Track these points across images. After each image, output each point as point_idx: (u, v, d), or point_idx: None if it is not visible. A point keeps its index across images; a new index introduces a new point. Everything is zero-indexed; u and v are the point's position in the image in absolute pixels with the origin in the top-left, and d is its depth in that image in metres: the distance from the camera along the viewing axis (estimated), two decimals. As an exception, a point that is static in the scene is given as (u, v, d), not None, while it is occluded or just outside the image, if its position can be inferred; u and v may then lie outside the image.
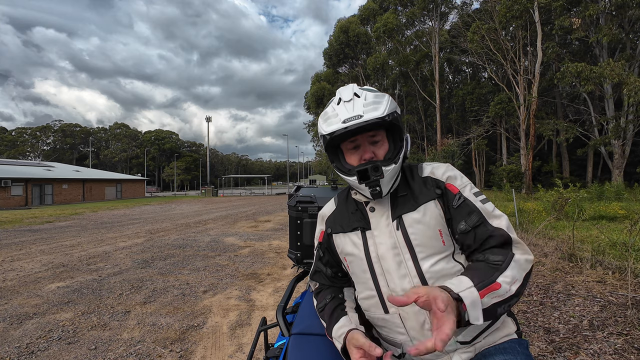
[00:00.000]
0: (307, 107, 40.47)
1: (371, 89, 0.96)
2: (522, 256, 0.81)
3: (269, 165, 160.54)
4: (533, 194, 16.88)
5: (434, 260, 0.86)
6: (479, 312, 0.69)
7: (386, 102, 0.90)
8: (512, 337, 0.88)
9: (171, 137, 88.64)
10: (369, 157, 0.92)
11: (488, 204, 0.90)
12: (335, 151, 0.99)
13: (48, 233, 9.74)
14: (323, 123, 0.93)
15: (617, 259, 4.19)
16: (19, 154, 69.11)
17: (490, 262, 0.80)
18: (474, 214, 0.87)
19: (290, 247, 1.58)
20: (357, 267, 0.95)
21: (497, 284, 0.73)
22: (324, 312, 1.00)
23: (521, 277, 0.77)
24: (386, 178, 0.89)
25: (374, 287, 0.92)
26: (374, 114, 0.86)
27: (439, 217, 0.89)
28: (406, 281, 0.87)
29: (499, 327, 0.88)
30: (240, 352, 2.61)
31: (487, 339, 0.87)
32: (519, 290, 0.76)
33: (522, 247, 0.83)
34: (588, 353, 2.25)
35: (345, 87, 0.97)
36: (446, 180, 0.93)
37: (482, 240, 0.86)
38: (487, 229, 0.86)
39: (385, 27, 27.36)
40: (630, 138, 17.61)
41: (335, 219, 1.04)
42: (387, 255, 0.89)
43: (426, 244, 0.87)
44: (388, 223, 0.92)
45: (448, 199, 0.91)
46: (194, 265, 5.39)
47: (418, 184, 0.95)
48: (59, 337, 2.90)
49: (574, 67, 15.84)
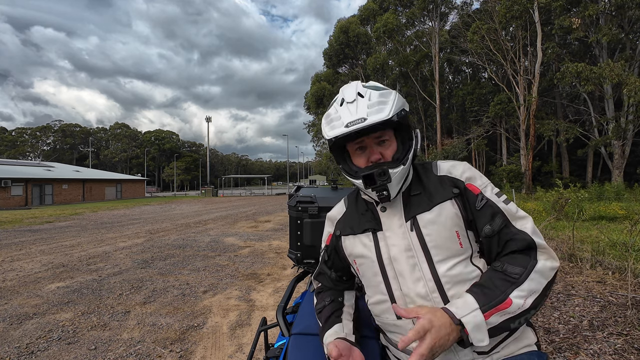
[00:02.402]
0: (307, 107, 40.43)
1: (377, 85, 0.90)
2: (546, 263, 0.77)
3: (269, 166, 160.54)
4: (533, 194, 16.88)
5: (451, 263, 0.82)
6: (484, 334, 0.69)
7: (392, 101, 0.84)
8: (532, 349, 0.83)
9: (171, 137, 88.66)
10: (376, 158, 0.87)
11: (511, 205, 0.85)
12: (342, 152, 0.94)
13: (48, 233, 9.74)
14: (326, 126, 0.89)
15: (617, 259, 4.19)
16: (19, 154, 69.13)
17: (508, 274, 0.76)
18: (498, 216, 0.82)
19: (291, 247, 1.58)
20: (367, 270, 0.91)
21: (508, 301, 0.72)
22: (321, 314, 1.00)
23: (540, 288, 0.74)
24: (394, 181, 0.84)
25: (385, 291, 0.87)
26: (378, 116, 0.81)
27: (455, 218, 0.84)
28: (420, 285, 0.82)
29: (519, 336, 0.84)
30: (240, 352, 2.61)
31: (506, 349, 0.81)
32: (537, 302, 0.73)
33: (547, 252, 0.78)
34: (588, 353, 2.25)
35: (349, 86, 0.92)
36: (466, 180, 0.88)
37: (504, 244, 0.81)
38: (510, 231, 0.81)
39: (385, 28, 27.35)
40: (630, 138, 17.61)
41: (346, 221, 1.00)
42: (400, 258, 0.85)
43: (442, 246, 0.82)
44: (401, 224, 0.87)
45: (469, 200, 0.86)
46: (194, 266, 5.39)
47: (433, 182, 0.90)
48: (59, 337, 2.90)
49: (574, 67, 15.84)
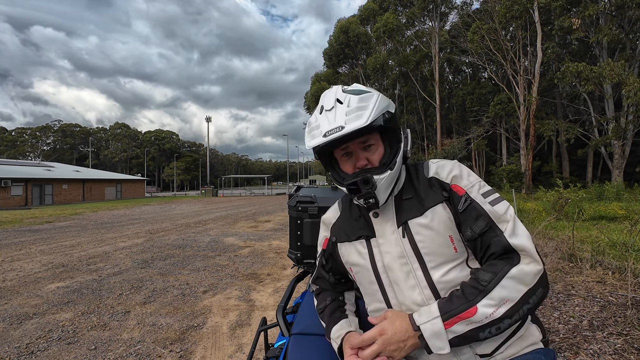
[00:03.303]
0: (307, 107, 40.44)
1: (359, 89, 0.86)
2: (525, 268, 0.72)
3: (269, 166, 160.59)
4: (533, 194, 16.88)
5: (445, 269, 0.79)
6: (443, 342, 0.71)
7: (372, 106, 0.80)
8: (538, 347, 0.81)
9: (171, 137, 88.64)
10: (362, 164, 0.84)
11: (499, 206, 0.80)
12: (329, 159, 0.92)
13: (48, 233, 9.74)
14: (307, 135, 0.86)
15: (617, 259, 4.19)
16: (19, 154, 69.14)
17: (479, 281, 0.74)
18: (482, 219, 0.78)
19: (291, 247, 1.58)
20: (363, 278, 0.89)
21: (472, 310, 0.71)
22: (324, 313, 0.99)
23: (516, 296, 0.70)
24: (381, 187, 0.81)
25: (382, 300, 0.86)
26: (356, 123, 0.77)
27: (448, 222, 0.81)
28: (416, 292, 0.80)
29: (523, 335, 0.80)
30: (240, 352, 2.61)
31: (510, 349, 0.78)
32: (512, 311, 0.70)
33: (528, 255, 0.74)
34: (588, 353, 2.25)
35: (328, 91, 0.88)
36: (451, 182, 0.84)
37: (485, 248, 0.78)
38: (494, 233, 0.77)
39: (385, 27, 27.35)
40: (630, 138, 17.61)
41: (340, 226, 0.98)
42: (394, 265, 0.83)
43: (436, 252, 0.80)
44: (393, 230, 0.85)
45: (454, 202, 0.83)
46: (193, 266, 5.39)
47: (423, 185, 0.87)
48: (59, 337, 2.90)
49: (574, 67, 15.83)
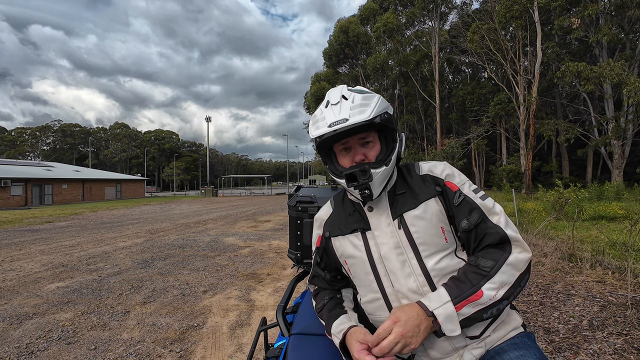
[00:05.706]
0: (307, 107, 40.45)
1: (362, 89, 0.95)
2: (519, 255, 0.82)
3: (269, 165, 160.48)
4: (533, 194, 16.88)
5: (438, 257, 0.86)
6: (455, 325, 0.77)
7: (374, 104, 0.88)
8: (520, 331, 0.89)
9: (171, 137, 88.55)
10: (360, 159, 0.91)
11: (488, 201, 0.90)
12: (328, 153, 0.99)
13: (48, 233, 9.74)
14: (312, 126, 0.93)
15: (617, 259, 4.19)
16: (18, 154, 69.12)
17: (480, 267, 0.81)
18: (475, 212, 0.87)
19: (291, 247, 1.58)
20: (359, 270, 0.94)
21: (479, 293, 0.78)
22: (323, 311, 1.00)
23: (512, 280, 0.79)
24: (376, 180, 0.88)
25: (378, 289, 0.91)
26: (360, 117, 0.85)
27: (440, 214, 0.89)
28: (411, 280, 0.86)
29: (505, 319, 0.88)
30: (240, 352, 2.61)
31: (496, 333, 0.86)
32: (509, 293, 0.79)
33: (520, 244, 0.83)
34: (588, 353, 2.25)
35: (334, 89, 0.96)
36: (445, 178, 0.93)
37: (481, 238, 0.86)
38: (487, 225, 0.86)
39: (385, 27, 27.37)
40: (630, 138, 17.63)
41: (334, 222, 1.03)
42: (390, 255, 0.88)
43: (429, 242, 0.87)
44: (389, 222, 0.91)
45: (448, 196, 0.91)
46: (193, 265, 5.39)
47: (417, 182, 0.95)
48: (59, 337, 2.90)
49: (574, 67, 15.84)
